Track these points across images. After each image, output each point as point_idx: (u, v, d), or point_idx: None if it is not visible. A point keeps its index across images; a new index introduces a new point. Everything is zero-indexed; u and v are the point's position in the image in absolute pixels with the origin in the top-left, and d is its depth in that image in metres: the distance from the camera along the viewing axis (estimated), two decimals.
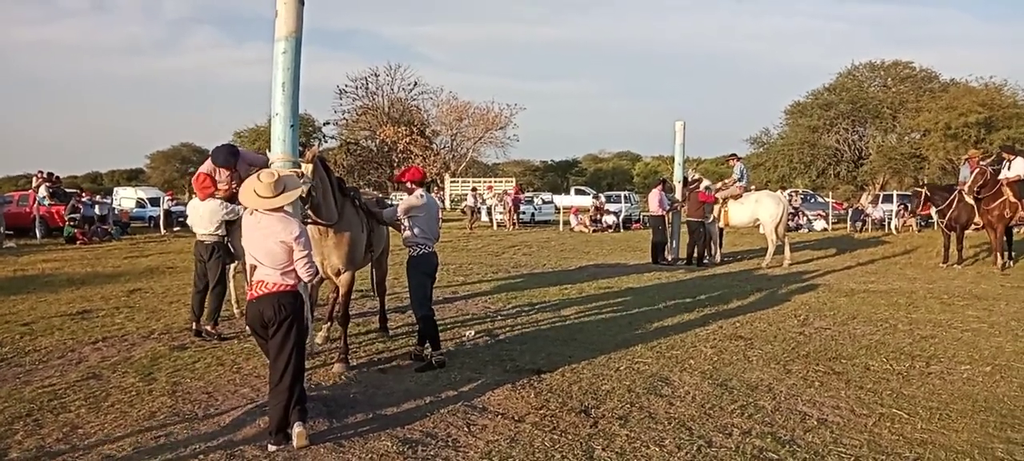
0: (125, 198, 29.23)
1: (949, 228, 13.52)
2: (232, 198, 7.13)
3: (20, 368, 6.09)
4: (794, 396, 5.28)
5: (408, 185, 6.43)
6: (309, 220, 5.75)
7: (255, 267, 4.34)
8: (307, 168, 5.54)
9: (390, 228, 7.16)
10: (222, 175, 7.22)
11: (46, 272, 12.95)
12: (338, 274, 6.19)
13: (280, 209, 4.40)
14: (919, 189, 14.22)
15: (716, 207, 14.38)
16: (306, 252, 4.34)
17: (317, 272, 4.53)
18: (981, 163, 13.28)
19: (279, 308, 4.27)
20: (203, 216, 7.13)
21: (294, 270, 4.33)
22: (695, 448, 4.28)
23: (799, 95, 44.22)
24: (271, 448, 4.23)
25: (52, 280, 11.77)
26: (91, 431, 4.56)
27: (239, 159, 7.21)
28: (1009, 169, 13.03)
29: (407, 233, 6.20)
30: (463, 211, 28.65)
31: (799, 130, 42.28)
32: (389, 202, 8.54)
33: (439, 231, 6.56)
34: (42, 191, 21.73)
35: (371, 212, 6.68)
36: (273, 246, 4.26)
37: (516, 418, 4.82)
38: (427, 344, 6.26)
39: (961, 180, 13.36)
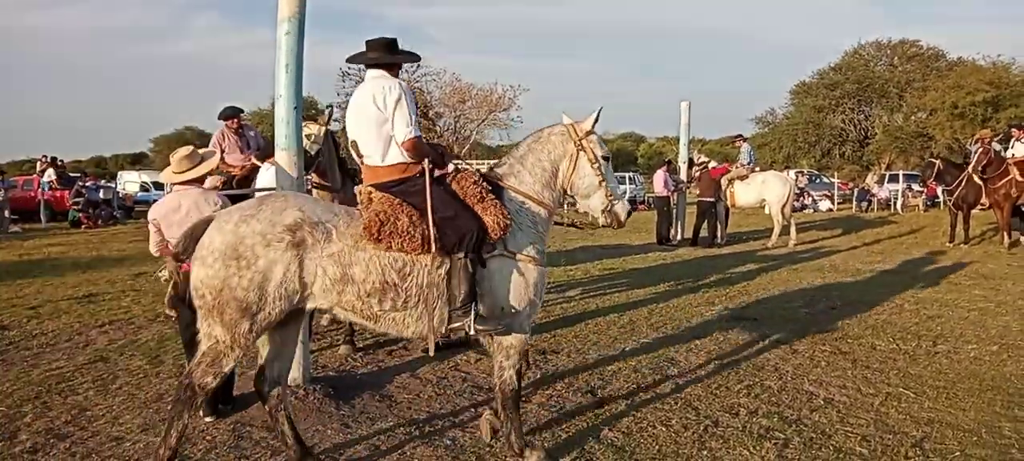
0: (129, 182, 29.31)
1: (956, 207, 13.46)
2: (245, 181, 7.15)
3: (28, 351, 6.12)
4: (800, 376, 5.28)
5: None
6: (314, 184, 5.78)
7: None
8: (317, 128, 5.58)
9: None
10: (231, 142, 7.35)
11: (52, 256, 12.99)
12: None
13: (200, 182, 4.56)
14: (934, 160, 14.12)
15: (723, 187, 14.33)
16: None
17: None
18: (986, 141, 13.18)
19: None
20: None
21: None
22: (702, 428, 4.28)
23: (805, 75, 43.85)
24: (208, 418, 4.42)
25: (58, 264, 11.81)
26: (99, 413, 4.59)
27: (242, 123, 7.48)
28: (1013, 147, 12.95)
29: None
30: None
31: (804, 110, 41.95)
32: None
33: None
34: (47, 175, 21.78)
35: None
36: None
37: (523, 399, 4.82)
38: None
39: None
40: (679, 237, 14.76)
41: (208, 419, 4.42)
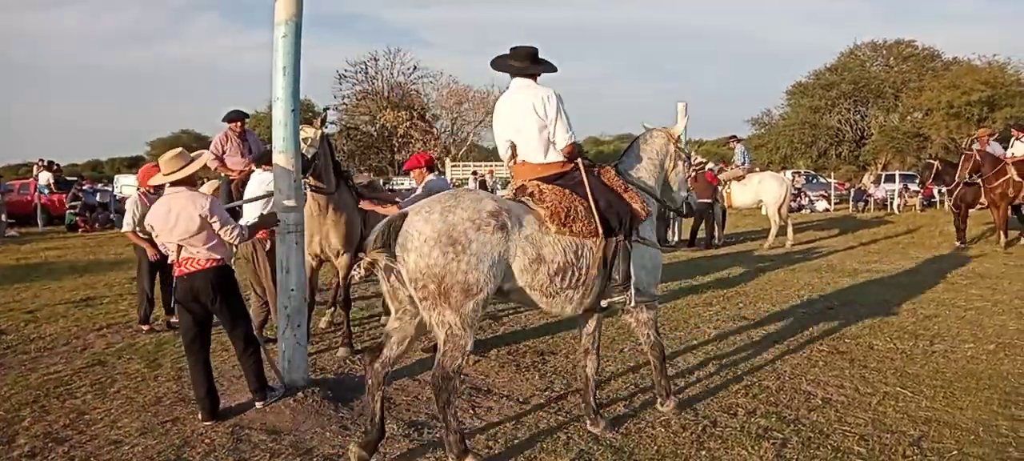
0: (126, 186, 29.17)
1: (956, 207, 13.47)
2: (242, 185, 7.15)
3: (25, 355, 6.11)
4: (798, 376, 5.29)
5: (414, 172, 6.52)
6: (311, 186, 5.79)
7: (180, 247, 4.41)
8: (313, 132, 5.61)
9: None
10: (233, 145, 7.37)
11: (49, 260, 12.97)
12: (337, 255, 6.19)
13: (190, 185, 4.56)
14: (932, 161, 14.17)
15: (720, 188, 14.36)
16: (223, 221, 4.48)
17: (245, 234, 4.66)
18: (984, 141, 13.21)
19: (214, 284, 4.45)
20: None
21: (220, 244, 4.49)
22: (700, 428, 4.29)
23: (801, 75, 43.98)
24: (258, 405, 4.58)
25: (55, 268, 11.79)
26: (98, 417, 4.59)
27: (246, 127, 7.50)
28: (1013, 147, 12.98)
29: None
30: None
31: (801, 110, 42.10)
32: (389, 186, 8.62)
33: None
34: (43, 179, 21.73)
35: (362, 195, 6.69)
36: (192, 224, 4.35)
37: (521, 400, 4.83)
38: None
39: None
40: (676, 238, 14.77)
41: (207, 423, 4.41)
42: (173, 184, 4.47)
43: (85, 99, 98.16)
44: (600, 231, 3.97)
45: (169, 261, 4.57)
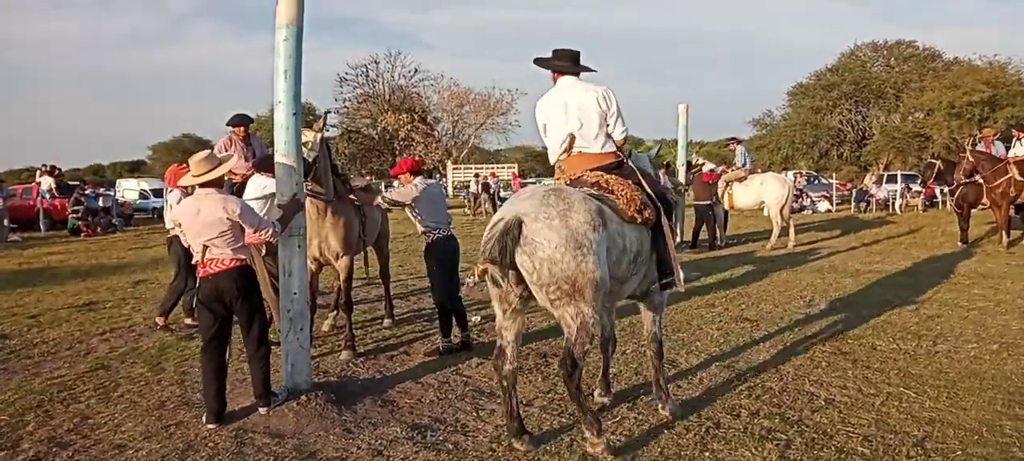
0: (128, 190, 29.29)
1: (958, 207, 13.46)
2: (243, 186, 7.15)
3: (29, 360, 6.12)
4: (801, 377, 5.28)
5: (401, 177, 6.51)
6: (310, 192, 5.80)
7: (206, 248, 4.43)
8: (313, 136, 5.63)
9: (389, 215, 7.37)
10: (237, 149, 7.40)
11: (51, 265, 12.99)
12: (337, 258, 6.20)
13: (218, 187, 4.57)
14: (934, 161, 14.16)
15: (721, 189, 14.34)
16: (258, 224, 4.56)
17: (279, 230, 4.66)
18: (988, 141, 13.20)
19: (238, 284, 4.48)
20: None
21: (244, 245, 4.55)
22: (703, 430, 4.29)
23: (802, 76, 43.99)
24: (262, 411, 4.56)
25: (58, 272, 11.81)
26: (101, 421, 4.59)
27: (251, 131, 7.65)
28: (1015, 147, 12.97)
29: (417, 222, 6.36)
30: (466, 198, 28.92)
31: (802, 111, 42.09)
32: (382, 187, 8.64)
33: (448, 216, 6.56)
34: (45, 184, 21.77)
35: (360, 200, 6.68)
36: (220, 225, 4.38)
37: (524, 402, 4.82)
38: (456, 331, 6.26)
39: None
40: (678, 240, 14.75)
41: (210, 426, 4.42)
42: (202, 185, 4.50)
43: (87, 104, 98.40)
44: (663, 217, 4.30)
45: (193, 262, 4.59)
